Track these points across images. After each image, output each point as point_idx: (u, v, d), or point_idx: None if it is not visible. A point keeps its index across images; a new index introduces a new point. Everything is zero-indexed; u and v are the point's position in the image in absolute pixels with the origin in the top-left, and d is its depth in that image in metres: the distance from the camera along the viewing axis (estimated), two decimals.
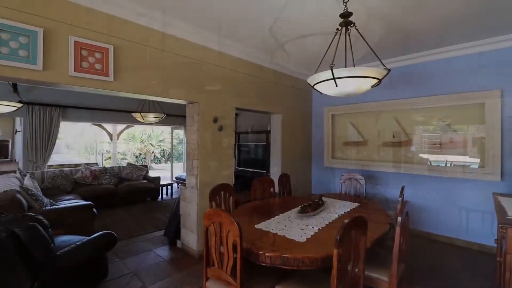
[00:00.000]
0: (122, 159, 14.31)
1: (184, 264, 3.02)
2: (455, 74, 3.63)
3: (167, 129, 13.81)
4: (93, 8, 2.40)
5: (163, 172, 12.09)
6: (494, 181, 3.29)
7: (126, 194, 5.55)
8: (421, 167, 3.86)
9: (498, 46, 3.30)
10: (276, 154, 4.59)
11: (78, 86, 2.34)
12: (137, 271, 2.87)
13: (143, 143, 15.02)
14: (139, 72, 2.70)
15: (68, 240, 2.54)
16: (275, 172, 4.51)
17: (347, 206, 2.84)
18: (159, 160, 16.31)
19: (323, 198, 3.15)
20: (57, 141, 5.59)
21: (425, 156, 3.92)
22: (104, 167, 5.90)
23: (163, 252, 3.32)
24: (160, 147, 15.97)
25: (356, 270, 1.74)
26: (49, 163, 5.66)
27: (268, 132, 5.51)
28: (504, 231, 1.86)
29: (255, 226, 2.18)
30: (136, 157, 15.21)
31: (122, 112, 6.23)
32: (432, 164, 3.83)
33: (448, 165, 3.72)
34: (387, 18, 2.76)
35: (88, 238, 2.42)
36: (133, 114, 5.21)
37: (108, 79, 2.45)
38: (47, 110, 5.31)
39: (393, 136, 4.15)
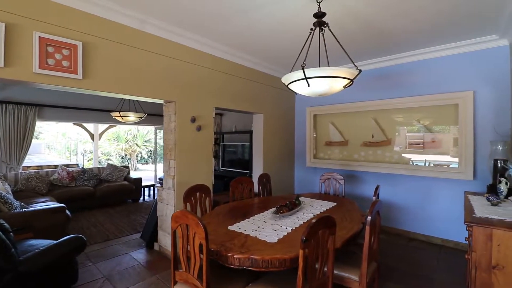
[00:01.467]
0: (107, 159, 13.99)
1: (160, 267, 2.95)
2: (431, 76, 3.71)
3: (153, 129, 13.59)
4: (61, 3, 2.30)
5: (149, 173, 11.90)
6: (467, 180, 3.38)
7: (105, 196, 5.40)
8: (400, 167, 3.92)
9: (472, 49, 3.39)
10: (258, 154, 4.57)
11: (44, 84, 2.25)
12: (110, 275, 2.78)
13: (128, 143, 14.71)
14: (112, 70, 2.61)
15: (35, 244, 2.43)
16: (257, 172, 4.49)
17: (324, 206, 2.84)
18: (146, 161, 16.02)
19: (301, 198, 3.15)
20: (38, 142, 5.42)
21: (403, 155, 3.98)
22: (83, 168, 5.72)
23: (139, 255, 3.24)
24: (147, 148, 15.70)
25: (325, 269, 1.73)
26: (27, 164, 5.47)
27: (252, 132, 5.48)
28: (470, 229, 1.90)
29: (228, 227, 2.14)
30: (122, 157, 14.91)
31: (103, 111, 6.07)
32: (410, 164, 3.89)
33: (426, 164, 3.78)
34: (363, 19, 2.78)
35: (55, 242, 2.32)
36: (112, 113, 5.07)
37: (77, 76, 2.36)
38: (22, 109, 5.10)
39: (372, 136, 4.20)
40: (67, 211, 3.54)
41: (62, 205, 3.49)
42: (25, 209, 3.30)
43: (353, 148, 4.47)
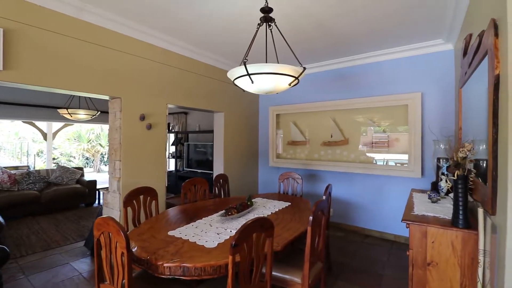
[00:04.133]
0: (68, 161, 13.04)
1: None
2: (383, 77, 3.82)
3: None
4: None
5: None
6: (416, 178, 3.52)
7: (52, 201, 4.95)
8: (356, 166, 3.99)
9: (420, 52, 3.53)
10: (219, 154, 4.44)
11: None
12: None
13: (90, 143, 13.81)
14: (42, 61, 2.35)
15: None
16: (218, 173, 4.35)
17: (278, 206, 2.79)
18: None
19: (256, 199, 3.09)
20: None
21: (360, 155, 4.05)
22: (28, 170, 5.21)
23: (81, 265, 2.97)
24: None
25: (263, 272, 1.66)
26: None
27: None
28: (408, 227, 1.93)
29: (168, 232, 2.00)
30: (87, 158, 13.99)
31: (56, 108, 5.56)
32: (366, 163, 3.97)
33: (382, 163, 3.88)
34: (314, 19, 2.76)
35: None
36: (59, 110, 4.67)
37: None
38: None
39: (331, 136, 4.25)
40: None
41: None
42: None
43: (314, 147, 4.49)
